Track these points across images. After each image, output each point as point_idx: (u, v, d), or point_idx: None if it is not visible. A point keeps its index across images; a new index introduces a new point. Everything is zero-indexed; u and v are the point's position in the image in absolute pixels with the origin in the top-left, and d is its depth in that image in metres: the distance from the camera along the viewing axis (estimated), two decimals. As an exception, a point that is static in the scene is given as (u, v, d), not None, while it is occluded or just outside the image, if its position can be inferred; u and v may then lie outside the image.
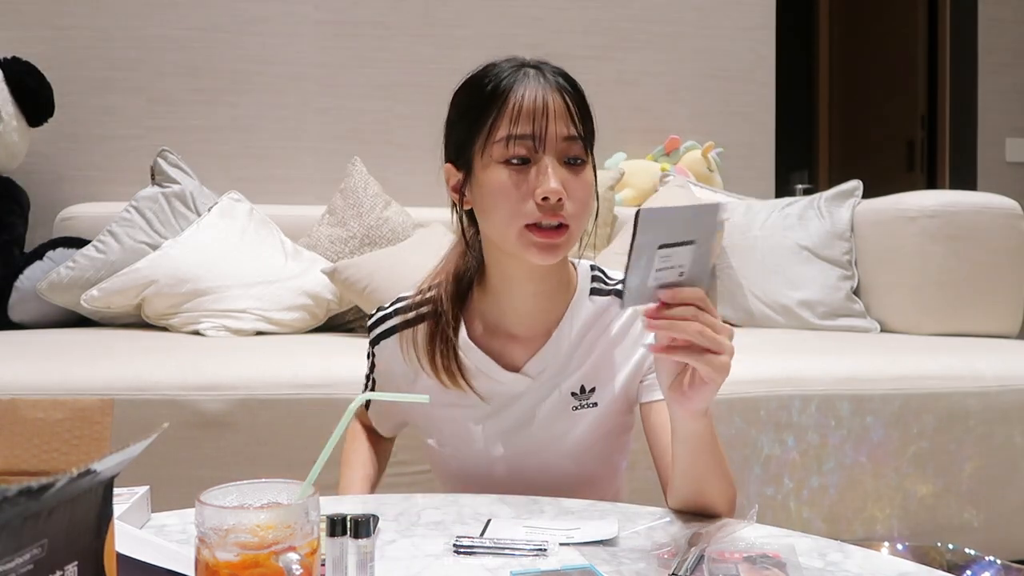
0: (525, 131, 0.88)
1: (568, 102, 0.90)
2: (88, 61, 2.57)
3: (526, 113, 0.88)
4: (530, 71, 0.91)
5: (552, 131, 0.89)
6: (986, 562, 1.13)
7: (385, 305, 1.05)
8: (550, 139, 0.89)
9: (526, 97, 0.89)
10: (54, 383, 1.45)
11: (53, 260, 2.18)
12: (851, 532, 1.57)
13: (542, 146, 0.89)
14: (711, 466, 0.84)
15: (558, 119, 0.89)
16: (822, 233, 2.23)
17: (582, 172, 0.91)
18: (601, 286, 1.02)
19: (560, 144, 0.89)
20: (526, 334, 0.99)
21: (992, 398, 1.61)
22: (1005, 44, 3.56)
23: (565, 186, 0.88)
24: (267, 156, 2.68)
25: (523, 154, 0.89)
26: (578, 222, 0.91)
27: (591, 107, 0.95)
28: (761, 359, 1.65)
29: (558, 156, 0.89)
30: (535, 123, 0.88)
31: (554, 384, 0.99)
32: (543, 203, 0.87)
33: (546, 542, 0.76)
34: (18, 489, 0.41)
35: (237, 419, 1.46)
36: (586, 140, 0.92)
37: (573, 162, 0.90)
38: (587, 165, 0.92)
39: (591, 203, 0.92)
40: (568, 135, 0.90)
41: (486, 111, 0.90)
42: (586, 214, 0.92)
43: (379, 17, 2.72)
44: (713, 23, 2.91)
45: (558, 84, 0.91)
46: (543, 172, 0.88)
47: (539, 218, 0.88)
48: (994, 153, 3.58)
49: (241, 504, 0.57)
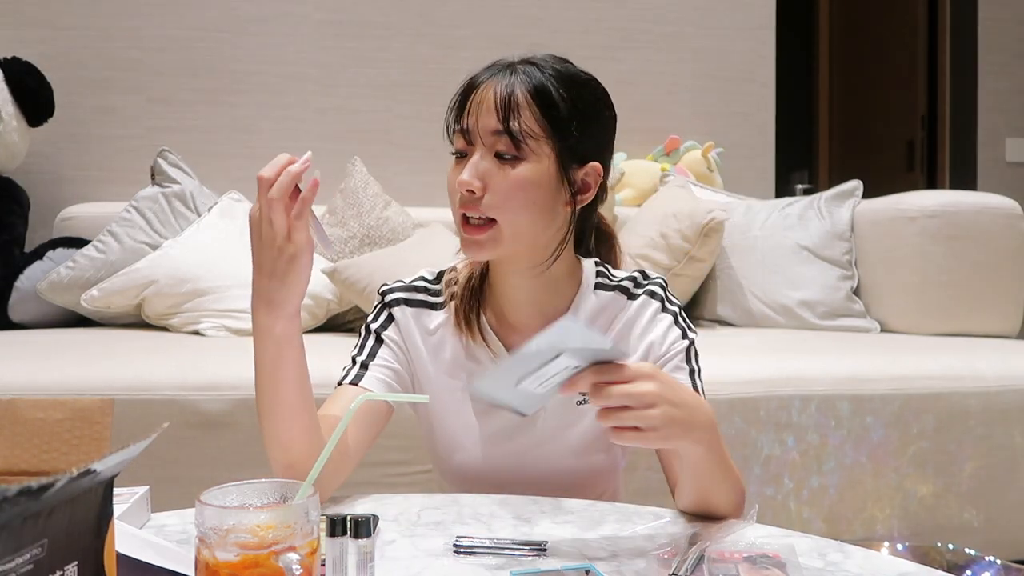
0: (464, 124, 0.91)
1: (515, 96, 0.88)
2: (88, 61, 2.57)
3: (470, 107, 0.91)
4: (513, 66, 0.92)
5: (483, 124, 0.89)
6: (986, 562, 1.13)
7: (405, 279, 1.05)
8: (481, 131, 0.90)
9: (476, 92, 0.91)
10: (54, 383, 1.45)
11: (53, 260, 2.18)
12: (851, 532, 1.57)
13: (471, 138, 0.90)
14: (716, 478, 0.84)
15: (488, 112, 0.89)
16: (822, 233, 2.23)
17: (511, 167, 0.89)
18: (605, 281, 1.02)
19: (488, 138, 0.90)
20: (526, 327, 0.99)
21: (992, 398, 1.61)
22: (1005, 44, 3.56)
23: (486, 178, 0.89)
24: (267, 156, 2.65)
25: (460, 147, 0.92)
26: (506, 215, 0.89)
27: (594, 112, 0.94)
28: (761, 359, 1.65)
29: (489, 150, 0.90)
30: (469, 116, 0.90)
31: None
32: (465, 195, 0.90)
33: (546, 541, 0.76)
34: (18, 489, 0.41)
35: (237, 419, 1.46)
36: (520, 135, 0.88)
37: (503, 156, 0.90)
38: (524, 161, 0.89)
39: (525, 198, 0.89)
40: (494, 129, 0.89)
41: (452, 105, 0.94)
42: (515, 208, 0.89)
43: (379, 17, 2.72)
44: (713, 23, 2.91)
45: (517, 79, 0.90)
46: (465, 164, 0.90)
47: (463, 209, 0.91)
48: (994, 153, 3.58)
49: (241, 504, 0.57)
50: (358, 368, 0.98)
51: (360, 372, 0.98)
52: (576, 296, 1.00)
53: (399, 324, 1.02)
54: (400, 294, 1.03)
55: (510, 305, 1.00)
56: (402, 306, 1.02)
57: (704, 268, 2.19)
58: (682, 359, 0.99)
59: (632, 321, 1.00)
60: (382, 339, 1.01)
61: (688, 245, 2.11)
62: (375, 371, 0.98)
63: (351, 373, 0.98)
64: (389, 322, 1.02)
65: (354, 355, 1.01)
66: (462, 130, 0.91)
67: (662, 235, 2.13)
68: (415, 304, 1.02)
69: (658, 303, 1.00)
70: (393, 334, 1.01)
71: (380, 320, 1.02)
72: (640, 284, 1.02)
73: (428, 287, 1.04)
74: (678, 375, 0.98)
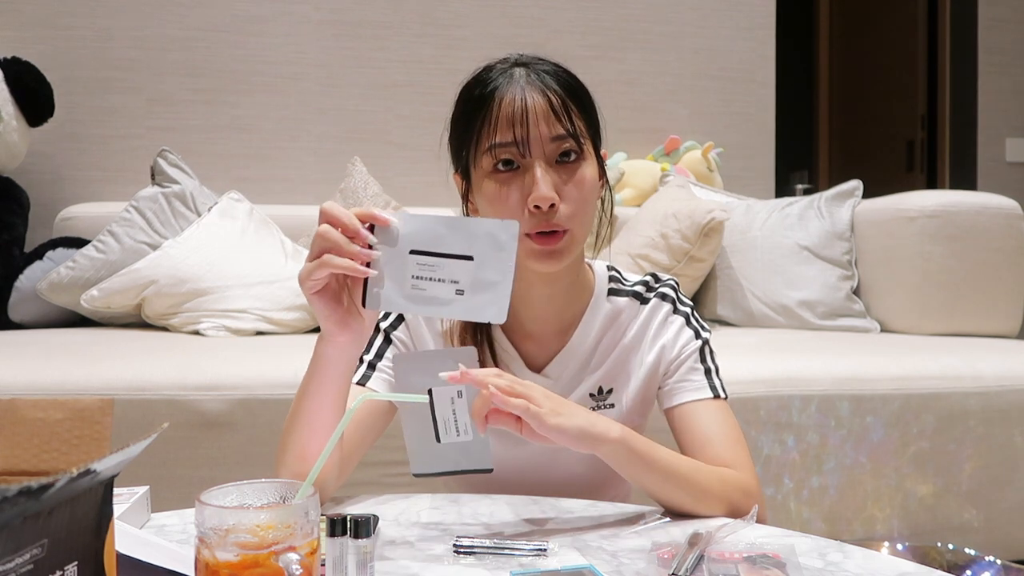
0: (507, 138, 0.86)
1: (554, 99, 0.87)
2: (88, 61, 2.57)
3: (507, 119, 0.86)
4: (518, 72, 0.89)
5: (536, 134, 0.86)
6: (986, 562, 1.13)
7: None
8: (535, 142, 0.87)
9: (506, 102, 0.87)
10: (54, 383, 1.45)
11: (53, 260, 2.18)
12: (851, 532, 1.57)
13: (528, 151, 0.87)
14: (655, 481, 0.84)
15: (541, 120, 0.87)
16: (822, 233, 2.23)
17: (578, 169, 0.89)
18: (619, 287, 1.02)
19: (548, 146, 0.87)
20: (543, 333, 0.99)
21: (992, 398, 1.61)
22: (1005, 44, 3.56)
23: (558, 189, 0.87)
24: (267, 156, 2.68)
25: (509, 161, 0.88)
26: (578, 223, 0.89)
27: (593, 99, 0.93)
28: (761, 359, 1.65)
29: (548, 158, 0.88)
30: (516, 128, 0.86)
31: (573, 385, 0.99)
32: (535, 211, 0.86)
33: (546, 541, 0.76)
34: (18, 489, 0.41)
35: (237, 419, 1.46)
36: (579, 135, 0.88)
37: (565, 160, 0.88)
38: (583, 160, 0.89)
39: (591, 200, 0.90)
40: (554, 135, 0.87)
41: (472, 121, 0.89)
42: (586, 213, 0.90)
43: (379, 17, 2.72)
44: (713, 23, 2.91)
45: (543, 82, 0.88)
46: (532, 179, 0.86)
47: (534, 227, 0.87)
48: (994, 153, 3.58)
49: (241, 504, 0.57)
50: (365, 368, 0.98)
51: (367, 372, 0.98)
52: (591, 302, 1.00)
53: (409, 325, 1.01)
54: None
55: (528, 313, 0.98)
56: None
57: (704, 268, 2.19)
58: (696, 359, 0.98)
59: (645, 325, 1.00)
60: (391, 339, 1.00)
61: (688, 245, 2.11)
62: (382, 372, 0.98)
63: (358, 373, 0.98)
64: (400, 321, 1.01)
65: (362, 354, 1.00)
66: (505, 144, 0.86)
67: (662, 235, 2.13)
68: None
69: (669, 305, 1.01)
70: (402, 334, 1.01)
71: (391, 319, 1.02)
72: (651, 288, 1.02)
73: None
74: (694, 376, 0.97)
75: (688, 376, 0.97)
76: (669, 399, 0.98)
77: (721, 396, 0.97)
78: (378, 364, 0.99)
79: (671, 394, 0.98)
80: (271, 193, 2.61)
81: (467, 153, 0.91)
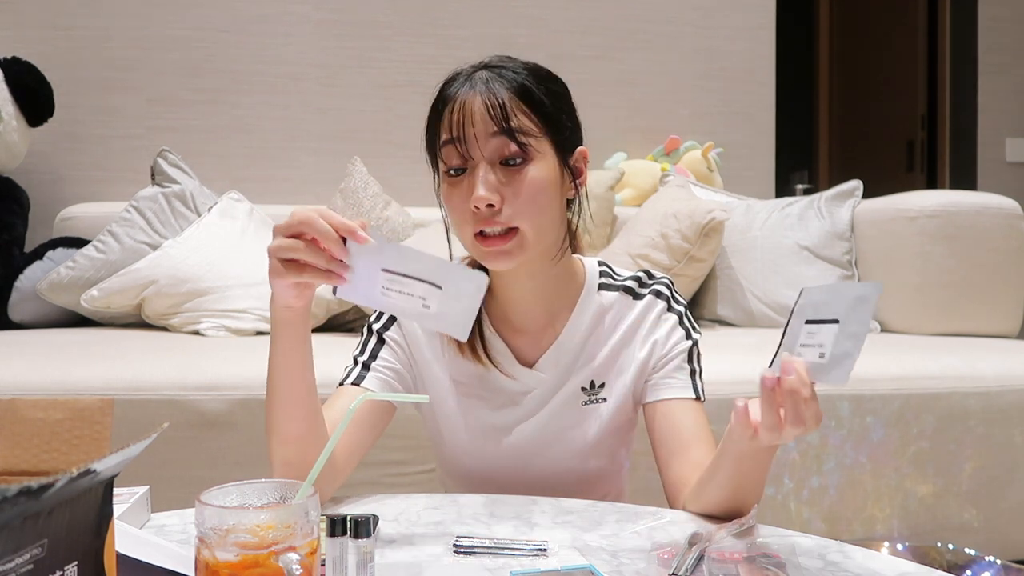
0: (447, 136, 0.88)
1: (495, 99, 0.87)
2: (88, 61, 2.57)
3: (453, 120, 0.88)
4: (478, 75, 0.89)
5: (472, 133, 0.87)
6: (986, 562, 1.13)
7: None
8: (472, 143, 0.87)
9: (455, 106, 0.88)
10: (54, 383, 1.45)
11: (53, 260, 2.18)
12: (851, 532, 1.57)
13: (470, 151, 0.87)
14: (763, 476, 0.82)
15: (483, 120, 0.87)
16: (822, 233, 2.23)
17: (523, 170, 0.88)
18: (610, 282, 1.03)
19: (487, 145, 0.87)
20: (531, 327, 1.00)
21: (992, 398, 1.61)
22: (1005, 44, 3.56)
23: (501, 189, 0.87)
24: (267, 156, 2.68)
25: (456, 164, 0.89)
26: (528, 221, 0.89)
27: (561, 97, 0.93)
28: (761, 359, 1.64)
29: (491, 158, 0.88)
30: (456, 128, 0.87)
31: (564, 379, 1.00)
32: (476, 211, 0.87)
33: (546, 541, 0.76)
34: (18, 489, 0.41)
35: (237, 419, 1.46)
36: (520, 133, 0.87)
37: (511, 163, 0.88)
38: (530, 161, 0.88)
39: (540, 199, 0.89)
40: (493, 131, 0.87)
41: (432, 124, 0.92)
42: (536, 212, 0.89)
43: (379, 17, 2.72)
44: (713, 23, 2.91)
45: (494, 84, 0.88)
46: (473, 180, 0.87)
47: (476, 226, 0.88)
48: (994, 153, 3.58)
49: (241, 504, 0.57)
50: (360, 368, 0.98)
51: (362, 372, 0.98)
52: (580, 295, 1.01)
53: (402, 324, 1.02)
54: None
55: (515, 307, 0.99)
56: None
57: (704, 268, 2.19)
58: (684, 359, 1.00)
59: (638, 321, 1.01)
60: (384, 339, 1.01)
61: (688, 245, 2.11)
62: (377, 371, 0.98)
63: (352, 373, 0.98)
64: (392, 322, 1.02)
65: (356, 355, 1.00)
66: (455, 142, 0.88)
67: (662, 235, 2.13)
68: None
69: (664, 303, 1.01)
70: (395, 334, 1.01)
71: (383, 320, 1.02)
72: (645, 284, 1.03)
73: None
74: (679, 375, 0.99)
75: (674, 374, 0.99)
76: (653, 393, 0.99)
77: (701, 399, 0.99)
78: (372, 364, 0.99)
79: (655, 389, 0.99)
80: (271, 193, 2.61)
81: (432, 154, 0.94)
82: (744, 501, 0.82)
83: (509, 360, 0.99)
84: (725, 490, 0.82)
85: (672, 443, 0.94)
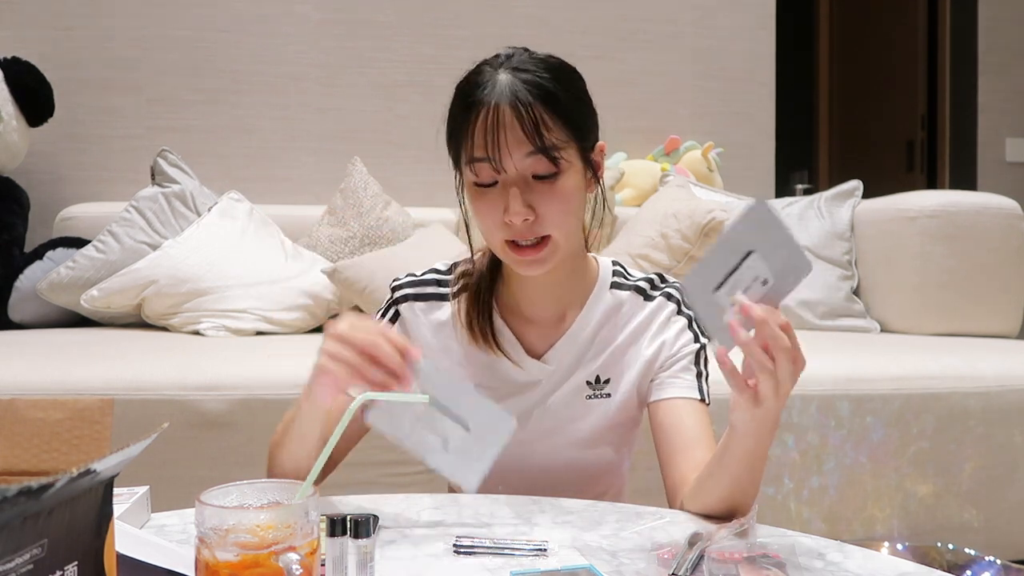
0: (482, 155, 0.87)
1: (528, 114, 0.86)
2: (88, 61, 2.57)
3: (482, 136, 0.87)
4: (502, 79, 0.88)
5: (509, 153, 0.87)
6: (986, 562, 1.13)
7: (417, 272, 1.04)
8: (508, 161, 0.87)
9: (483, 117, 0.87)
10: (54, 383, 1.45)
11: (53, 260, 2.18)
12: (851, 532, 1.57)
13: (501, 167, 0.88)
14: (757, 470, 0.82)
15: (516, 139, 0.86)
16: (822, 233, 2.23)
17: (556, 183, 0.89)
18: (622, 281, 1.04)
19: (522, 163, 0.87)
20: (541, 319, 1.01)
21: (992, 398, 1.61)
22: (1005, 44, 3.56)
23: (535, 203, 0.88)
24: (267, 156, 2.68)
25: (487, 179, 0.89)
26: (560, 229, 0.90)
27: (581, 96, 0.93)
28: (761, 359, 1.65)
29: (523, 172, 0.88)
30: (492, 148, 0.87)
31: (570, 372, 1.01)
32: (509, 224, 0.88)
33: (546, 541, 0.76)
34: (18, 489, 0.41)
35: (237, 419, 1.46)
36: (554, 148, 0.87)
37: (543, 176, 0.89)
38: (562, 173, 0.89)
39: (571, 207, 0.91)
40: (528, 151, 0.87)
41: (459, 129, 0.90)
42: (567, 220, 0.91)
43: (379, 17, 2.72)
44: (713, 23, 2.91)
45: (521, 93, 0.87)
46: (507, 196, 0.88)
47: (510, 235, 0.90)
48: (994, 153, 3.58)
49: (241, 504, 0.57)
50: None
51: None
52: (593, 291, 1.02)
53: (405, 322, 1.02)
54: (409, 289, 1.03)
55: (527, 299, 1.01)
56: (411, 302, 1.02)
57: (704, 268, 2.19)
58: (691, 360, 1.00)
59: (648, 321, 1.02)
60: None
61: (688, 245, 2.11)
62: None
63: None
64: (392, 322, 1.03)
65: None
66: (489, 160, 0.87)
67: (662, 235, 2.13)
68: (425, 298, 1.03)
69: (674, 305, 1.03)
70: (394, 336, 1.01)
71: (385, 320, 1.03)
72: (657, 286, 1.04)
73: (439, 279, 1.04)
74: (685, 375, 0.99)
75: (680, 374, 0.99)
76: (658, 392, 1.00)
77: (706, 401, 0.99)
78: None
79: (661, 387, 0.99)
80: (271, 193, 2.61)
81: (457, 158, 0.93)
82: (742, 499, 0.82)
83: (518, 350, 1.00)
84: (724, 487, 0.82)
85: (675, 442, 0.95)
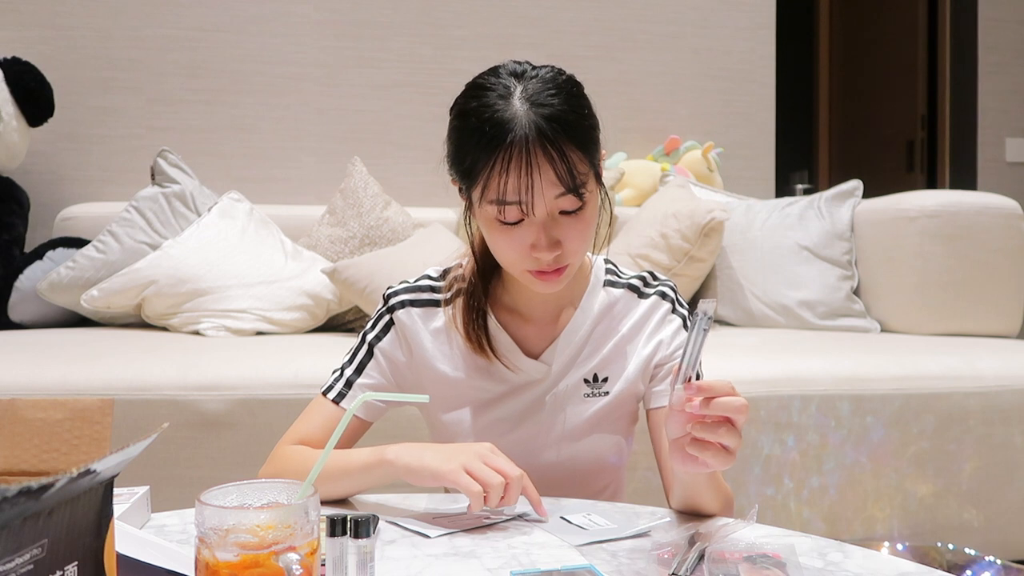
0: (514, 199, 0.86)
1: (560, 156, 0.85)
2: (88, 61, 2.57)
3: (516, 181, 0.85)
4: (519, 112, 0.85)
5: (543, 196, 0.86)
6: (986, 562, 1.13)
7: (410, 279, 1.04)
8: (540, 204, 0.86)
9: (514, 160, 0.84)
10: (54, 383, 1.45)
11: (53, 260, 2.18)
12: (851, 532, 1.57)
13: (532, 212, 0.87)
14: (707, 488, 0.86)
15: (549, 182, 0.85)
16: (822, 233, 2.23)
17: (580, 215, 0.89)
18: (615, 279, 1.05)
19: (553, 203, 0.87)
20: (537, 318, 1.02)
21: (992, 398, 1.61)
22: (1005, 44, 3.56)
23: (561, 236, 0.89)
24: (267, 156, 2.68)
25: (513, 219, 0.88)
26: (578, 256, 0.92)
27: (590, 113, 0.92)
28: (761, 359, 1.65)
29: (551, 210, 0.88)
30: (522, 192, 0.85)
31: (567, 370, 1.02)
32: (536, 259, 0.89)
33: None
34: (18, 489, 0.41)
35: (237, 419, 1.46)
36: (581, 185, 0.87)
37: (570, 211, 0.89)
38: (586, 206, 0.89)
39: (592, 231, 0.92)
40: (559, 193, 0.86)
41: (478, 167, 0.87)
42: (588, 244, 0.93)
43: (379, 17, 2.72)
44: (713, 23, 2.91)
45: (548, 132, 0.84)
46: (536, 233, 0.88)
47: (535, 266, 0.90)
48: (994, 153, 3.58)
49: (241, 504, 0.57)
50: (343, 385, 1.01)
51: (343, 390, 1.00)
52: (587, 289, 1.03)
53: (402, 328, 1.02)
54: (406, 295, 1.03)
55: (524, 299, 1.02)
56: (407, 308, 1.02)
57: (704, 268, 2.19)
58: None
59: (644, 319, 1.03)
60: (373, 352, 1.02)
61: (688, 245, 2.11)
62: (357, 390, 1.00)
63: (335, 387, 1.01)
64: (386, 331, 1.03)
65: (344, 364, 1.02)
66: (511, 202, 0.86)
67: (662, 235, 2.13)
68: (422, 304, 1.03)
69: (669, 305, 1.04)
70: (387, 345, 1.02)
71: (377, 329, 1.03)
72: (650, 284, 1.05)
73: (433, 285, 1.04)
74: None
75: None
76: (656, 400, 1.01)
77: None
78: (356, 381, 1.00)
79: (658, 396, 1.01)
80: (271, 193, 2.61)
81: (470, 186, 0.90)
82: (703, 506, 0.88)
83: (514, 352, 1.01)
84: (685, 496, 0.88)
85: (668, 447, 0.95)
